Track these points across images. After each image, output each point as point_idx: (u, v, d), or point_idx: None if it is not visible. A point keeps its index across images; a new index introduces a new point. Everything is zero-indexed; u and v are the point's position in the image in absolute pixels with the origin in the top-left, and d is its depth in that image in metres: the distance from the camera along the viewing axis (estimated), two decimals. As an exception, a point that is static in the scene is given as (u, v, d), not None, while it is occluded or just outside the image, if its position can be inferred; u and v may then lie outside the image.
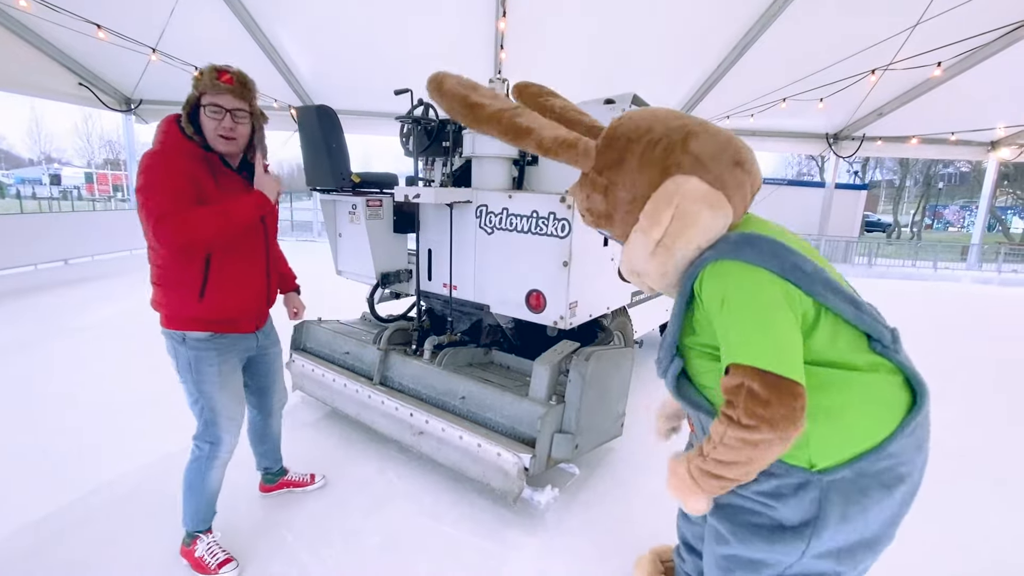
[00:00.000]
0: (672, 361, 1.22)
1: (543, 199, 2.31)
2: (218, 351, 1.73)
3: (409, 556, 1.96)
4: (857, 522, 1.07)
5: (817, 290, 1.03)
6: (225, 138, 1.60)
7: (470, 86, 1.26)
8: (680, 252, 1.10)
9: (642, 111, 1.21)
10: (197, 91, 1.58)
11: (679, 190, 1.07)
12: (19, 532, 2.01)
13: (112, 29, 6.04)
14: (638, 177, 1.13)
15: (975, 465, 2.75)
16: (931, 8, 5.60)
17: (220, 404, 1.76)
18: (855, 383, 1.05)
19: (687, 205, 1.07)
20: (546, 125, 1.21)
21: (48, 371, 3.68)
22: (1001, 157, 10.10)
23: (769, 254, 1.03)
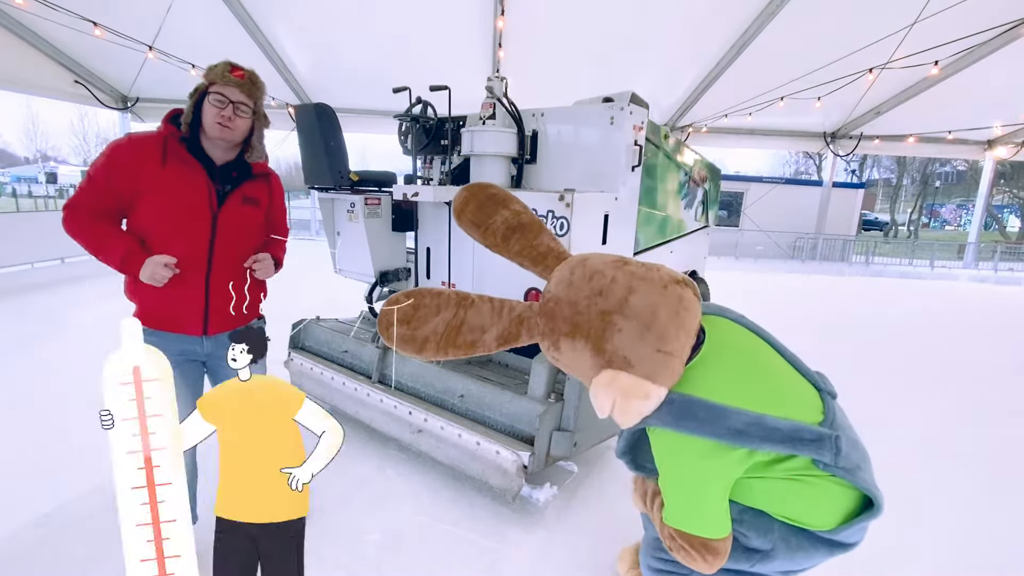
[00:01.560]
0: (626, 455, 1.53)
1: (542, 197, 2.31)
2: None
3: (408, 554, 1.96)
4: (800, 562, 1.29)
5: (752, 444, 1.15)
6: (221, 125, 1.60)
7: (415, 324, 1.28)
8: (626, 424, 1.22)
9: (567, 277, 1.25)
10: (206, 81, 1.61)
11: (612, 384, 1.17)
12: (18, 533, 2.00)
13: (108, 27, 6.02)
14: (577, 363, 1.22)
15: (973, 464, 2.76)
16: (928, 7, 5.61)
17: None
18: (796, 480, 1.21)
19: (620, 399, 1.17)
20: (486, 324, 1.26)
21: (46, 370, 3.67)
22: (998, 156, 10.13)
23: (705, 421, 1.15)
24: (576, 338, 1.19)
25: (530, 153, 2.74)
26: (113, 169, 1.57)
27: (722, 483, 1.19)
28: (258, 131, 1.73)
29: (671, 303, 1.14)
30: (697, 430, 1.15)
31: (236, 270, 1.77)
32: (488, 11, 7.12)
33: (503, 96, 2.61)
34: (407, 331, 1.28)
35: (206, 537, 1.31)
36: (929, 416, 3.36)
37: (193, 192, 1.63)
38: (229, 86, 1.60)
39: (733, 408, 1.15)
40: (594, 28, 7.21)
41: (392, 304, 1.26)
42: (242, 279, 1.82)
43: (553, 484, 2.25)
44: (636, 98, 2.58)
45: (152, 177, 1.58)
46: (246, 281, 1.83)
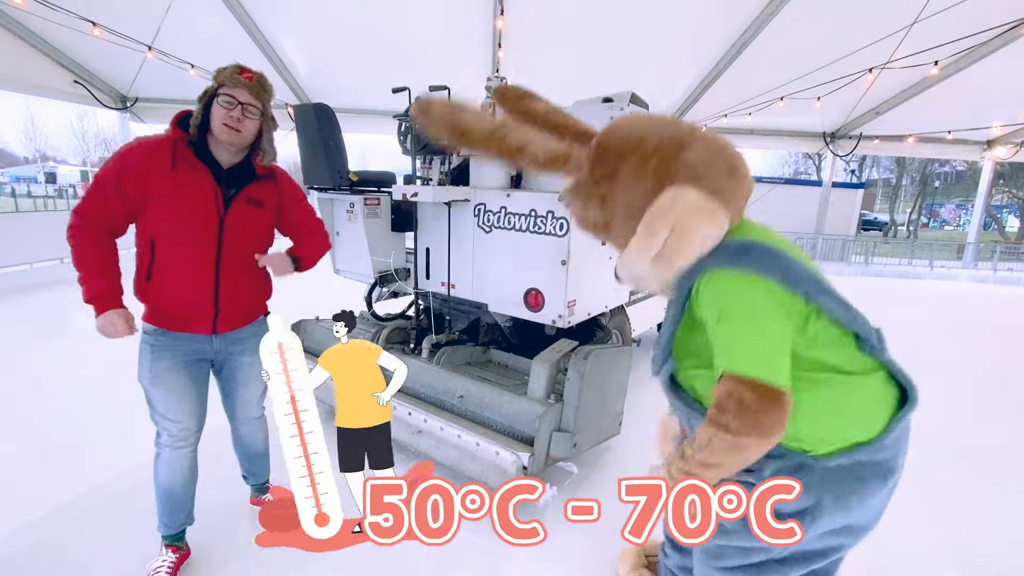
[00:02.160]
0: (665, 362, 1.24)
1: (541, 198, 2.31)
2: (153, 348, 1.70)
3: (408, 554, 1.96)
4: (853, 510, 1.12)
5: (811, 293, 1.05)
6: (230, 128, 1.61)
7: (457, 108, 1.24)
8: (679, 263, 1.10)
9: (631, 119, 1.22)
10: (215, 83, 1.62)
11: (675, 203, 1.07)
12: (18, 533, 2.00)
13: (108, 27, 6.01)
14: (633, 190, 1.12)
15: (975, 464, 2.76)
16: (928, 7, 5.61)
17: (153, 398, 1.73)
18: (844, 382, 1.09)
19: (684, 218, 1.07)
20: (535, 140, 1.21)
21: (45, 370, 3.66)
22: (997, 156, 10.14)
23: (766, 262, 1.05)
24: (638, 159, 1.11)
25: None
26: (123, 174, 1.57)
27: (784, 328, 1.03)
28: (267, 133, 1.74)
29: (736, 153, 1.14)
30: (757, 269, 1.03)
31: (244, 271, 1.79)
32: (488, 11, 7.11)
33: (503, 96, 2.60)
34: (447, 111, 1.22)
35: (204, 540, 1.31)
36: (929, 416, 3.35)
37: (201, 196, 1.65)
38: (238, 87, 1.61)
39: (792, 258, 1.07)
40: (594, 28, 7.21)
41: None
42: (249, 279, 1.83)
43: (553, 485, 2.25)
44: (636, 98, 2.58)
45: (162, 181, 1.59)
46: (253, 281, 1.86)
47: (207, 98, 1.63)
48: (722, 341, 1.05)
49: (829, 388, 1.08)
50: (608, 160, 1.16)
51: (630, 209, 1.13)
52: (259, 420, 2.07)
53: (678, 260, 1.09)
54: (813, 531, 1.13)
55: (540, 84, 1.53)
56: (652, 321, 3.77)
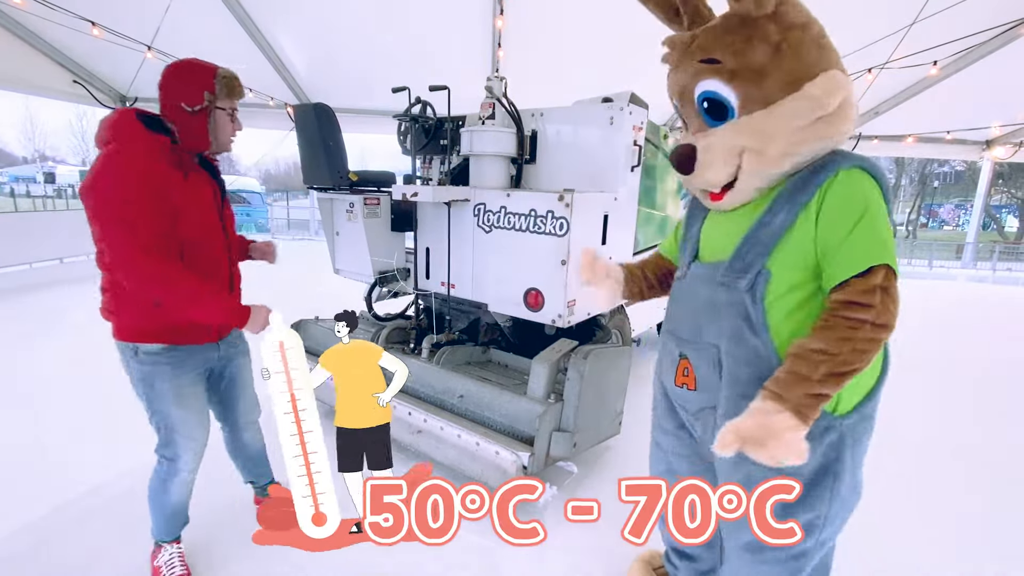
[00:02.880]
0: (753, 272, 1.13)
1: (541, 197, 2.31)
2: (172, 365, 1.60)
3: (407, 554, 1.96)
4: (859, 467, 1.19)
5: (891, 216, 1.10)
6: (234, 132, 1.64)
7: None
8: (836, 137, 1.10)
9: None
10: (217, 96, 1.56)
11: (847, 84, 1.08)
12: (18, 533, 2.00)
13: (107, 26, 6.00)
14: (815, 51, 1.08)
15: (974, 463, 2.76)
16: (927, 7, 5.62)
17: (176, 422, 1.65)
18: None
19: (851, 99, 1.09)
20: None
21: (44, 370, 3.66)
22: (996, 156, 10.13)
23: (883, 174, 1.09)
24: (820, 31, 1.10)
25: (529, 153, 2.74)
26: (155, 196, 1.44)
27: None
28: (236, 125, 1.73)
29: None
30: (879, 174, 1.06)
31: (238, 273, 1.80)
32: (487, 11, 7.11)
33: (502, 96, 2.61)
34: None
35: (204, 541, 1.29)
36: (928, 415, 3.36)
37: (208, 199, 1.63)
38: (235, 98, 1.61)
39: None
40: (594, 28, 7.21)
41: None
42: (239, 279, 1.83)
43: (553, 485, 2.25)
44: (635, 98, 2.58)
45: (179, 194, 1.51)
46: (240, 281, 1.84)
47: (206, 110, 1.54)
48: (868, 237, 1.02)
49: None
50: (803, 12, 1.09)
51: (808, 65, 1.08)
52: (258, 424, 2.07)
53: (833, 132, 1.08)
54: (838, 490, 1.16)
55: (540, 84, 1.53)
56: (652, 321, 3.77)
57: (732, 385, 1.18)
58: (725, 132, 1.12)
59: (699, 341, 1.24)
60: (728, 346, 1.17)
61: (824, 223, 1.05)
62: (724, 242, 1.21)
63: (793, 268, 1.09)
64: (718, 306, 1.19)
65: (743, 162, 1.12)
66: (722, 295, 1.17)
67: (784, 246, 1.09)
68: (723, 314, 1.17)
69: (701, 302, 1.24)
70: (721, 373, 1.20)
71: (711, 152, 1.14)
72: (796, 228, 1.08)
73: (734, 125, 1.11)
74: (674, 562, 1.63)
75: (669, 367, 1.35)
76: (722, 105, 1.12)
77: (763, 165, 1.11)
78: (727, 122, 1.13)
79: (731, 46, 1.08)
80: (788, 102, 1.06)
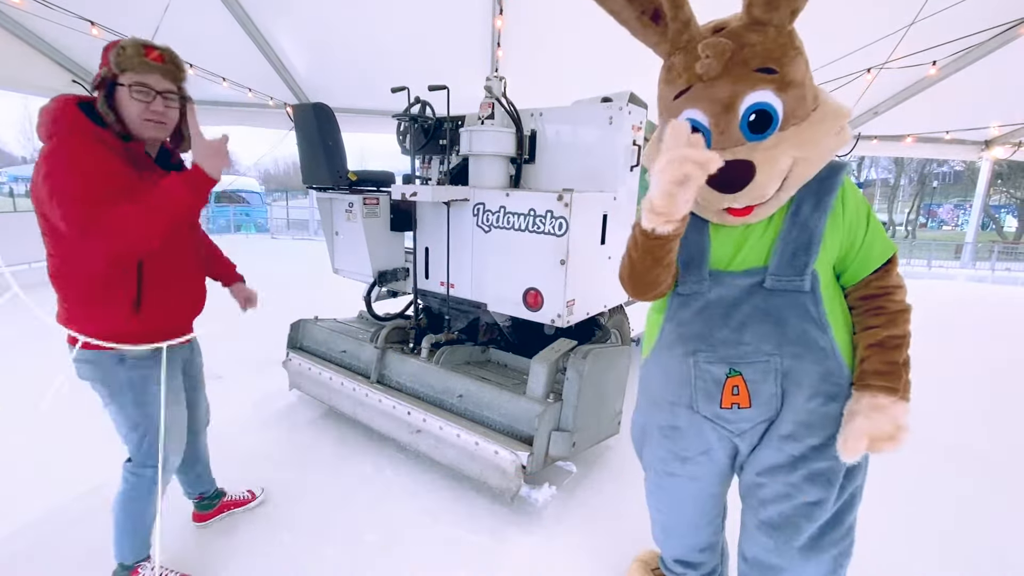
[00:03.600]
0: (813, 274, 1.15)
1: (540, 197, 2.31)
2: (154, 371, 1.53)
3: (407, 554, 1.96)
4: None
5: None
6: (153, 122, 1.38)
7: None
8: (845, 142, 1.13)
9: None
10: (116, 69, 1.32)
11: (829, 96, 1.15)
12: (17, 533, 2.00)
13: (106, 26, 6.00)
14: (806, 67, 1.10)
15: (972, 463, 2.76)
16: (926, 7, 5.62)
17: (170, 423, 1.58)
18: None
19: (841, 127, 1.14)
20: None
21: (43, 369, 3.65)
22: (995, 156, 10.14)
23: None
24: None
25: (529, 153, 2.74)
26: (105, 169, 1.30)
27: None
28: (190, 116, 1.46)
29: None
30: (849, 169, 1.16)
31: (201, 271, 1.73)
32: (487, 10, 7.11)
33: (502, 96, 2.61)
34: None
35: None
36: (927, 415, 3.36)
37: None
38: (150, 72, 1.34)
39: None
40: (593, 28, 7.19)
41: None
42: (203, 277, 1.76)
43: (552, 484, 2.25)
44: (635, 98, 2.58)
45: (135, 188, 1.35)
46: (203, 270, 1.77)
47: (106, 87, 1.33)
48: (880, 233, 1.17)
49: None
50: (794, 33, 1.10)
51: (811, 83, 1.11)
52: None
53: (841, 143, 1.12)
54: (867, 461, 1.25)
55: (539, 84, 1.53)
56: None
57: (799, 390, 1.18)
58: (782, 144, 1.06)
59: (755, 353, 1.19)
60: (795, 351, 1.17)
61: (848, 225, 1.15)
62: (754, 250, 1.19)
63: (828, 265, 1.18)
64: (775, 313, 1.17)
65: (790, 174, 1.09)
66: (778, 301, 1.17)
67: (824, 246, 1.15)
68: (784, 320, 1.16)
69: (749, 312, 1.19)
70: (781, 383, 1.19)
71: (774, 165, 1.06)
72: (829, 229, 1.14)
73: (787, 136, 1.06)
74: (674, 570, 1.62)
75: (712, 390, 1.25)
76: (768, 117, 1.06)
77: (808, 174, 1.11)
78: (773, 134, 1.07)
79: (786, 55, 1.05)
80: (821, 112, 1.10)
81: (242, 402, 3.16)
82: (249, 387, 3.36)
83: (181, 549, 1.93)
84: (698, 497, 1.44)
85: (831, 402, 1.17)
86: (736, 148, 1.08)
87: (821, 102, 1.11)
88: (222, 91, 8.06)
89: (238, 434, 2.76)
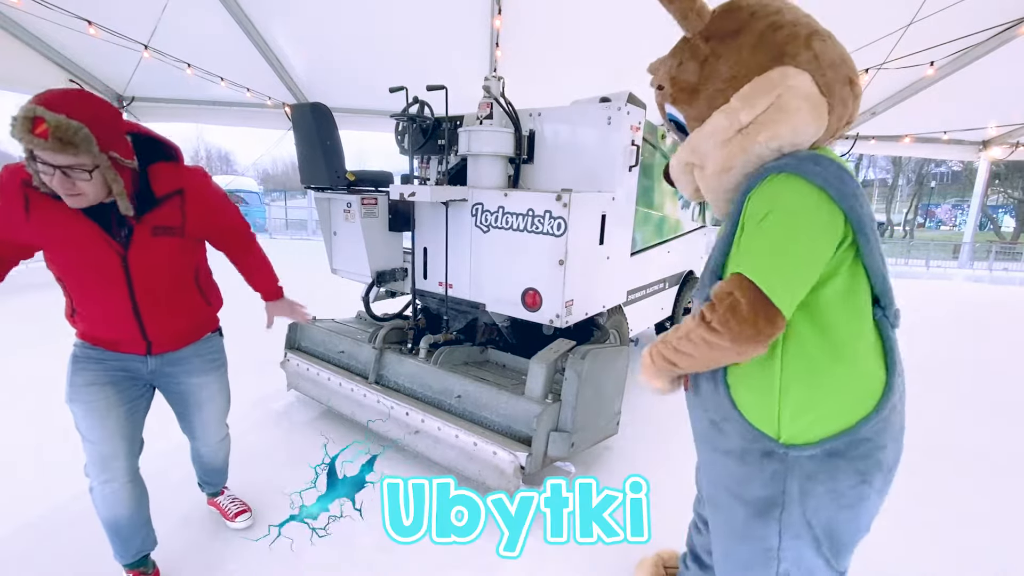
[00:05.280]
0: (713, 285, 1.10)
1: (539, 197, 2.31)
2: (75, 361, 1.56)
3: (405, 554, 1.96)
4: (827, 508, 1.03)
5: (863, 225, 0.98)
6: (68, 195, 1.29)
7: None
8: (758, 147, 1.03)
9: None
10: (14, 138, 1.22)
11: (786, 81, 1.01)
12: (16, 533, 2.00)
13: (104, 26, 5.99)
14: (748, 55, 1.05)
15: (971, 463, 2.77)
16: (924, 8, 5.63)
17: (76, 421, 1.56)
18: (847, 352, 1.00)
19: (789, 99, 1.00)
20: None
21: (44, 369, 3.64)
22: (992, 156, 10.17)
23: (833, 176, 0.96)
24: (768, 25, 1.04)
25: (527, 153, 2.74)
26: None
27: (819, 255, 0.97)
28: (114, 184, 1.32)
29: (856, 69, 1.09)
30: (822, 181, 0.95)
31: (170, 301, 1.60)
32: (485, 10, 7.11)
33: (500, 96, 2.61)
34: None
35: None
36: (926, 415, 3.37)
37: (85, 241, 1.40)
38: (42, 150, 1.19)
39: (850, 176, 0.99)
40: (592, 28, 7.21)
41: None
42: (181, 305, 1.65)
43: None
44: (633, 98, 2.58)
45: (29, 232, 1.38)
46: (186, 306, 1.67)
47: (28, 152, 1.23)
48: (751, 244, 0.98)
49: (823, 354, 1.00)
50: (734, 18, 1.08)
51: (734, 76, 1.06)
52: (221, 442, 1.99)
53: (761, 140, 1.01)
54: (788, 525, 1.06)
55: (537, 83, 1.53)
56: (650, 321, 3.77)
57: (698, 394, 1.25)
58: (681, 150, 1.19)
59: None
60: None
61: (742, 226, 1.03)
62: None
63: None
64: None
65: (695, 178, 1.18)
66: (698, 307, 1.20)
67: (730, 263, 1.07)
68: None
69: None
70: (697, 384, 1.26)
71: (674, 168, 1.23)
72: (735, 243, 1.05)
73: (684, 142, 1.18)
74: (688, 564, 1.62)
75: None
76: (681, 124, 1.20)
77: (707, 180, 1.14)
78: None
79: (669, 71, 1.16)
80: (713, 116, 1.08)
81: (240, 402, 3.12)
82: (247, 387, 3.35)
83: (179, 549, 1.93)
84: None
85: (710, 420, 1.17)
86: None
87: (726, 104, 1.06)
88: (220, 91, 8.06)
89: (237, 434, 2.73)
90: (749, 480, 1.09)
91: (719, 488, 1.19)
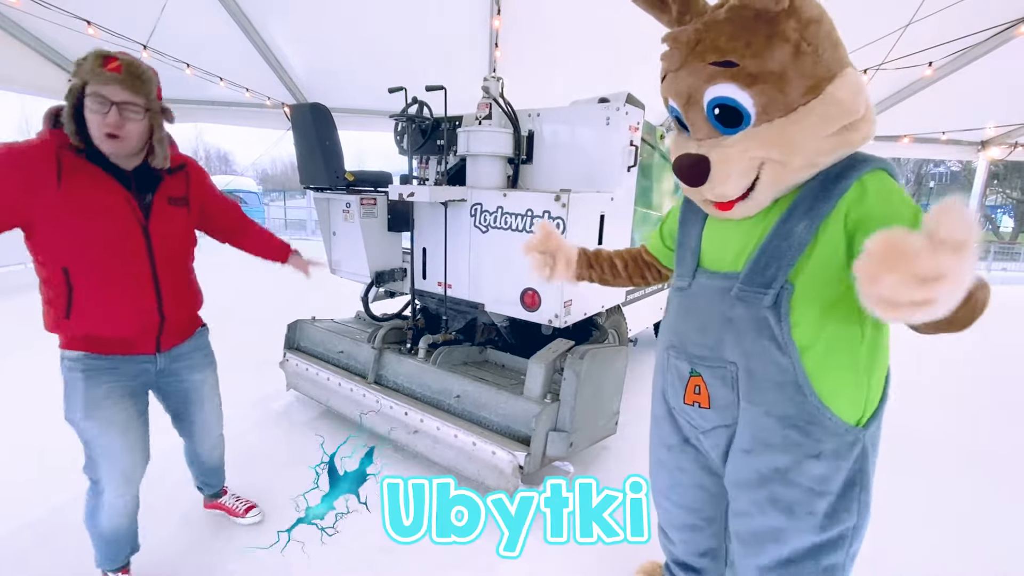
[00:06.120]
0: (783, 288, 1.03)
1: (538, 197, 2.31)
2: (86, 374, 1.46)
3: (404, 554, 1.96)
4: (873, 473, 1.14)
5: None
6: (110, 136, 1.32)
7: None
8: (852, 144, 1.00)
9: None
10: (80, 80, 1.31)
11: (865, 84, 1.00)
12: (16, 533, 2.00)
13: (102, 26, 5.98)
14: (831, 50, 0.99)
15: (970, 463, 2.77)
16: (923, 8, 5.64)
17: (90, 437, 1.51)
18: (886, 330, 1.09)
19: (870, 100, 1.02)
20: None
21: (44, 369, 3.64)
22: (991, 156, 10.18)
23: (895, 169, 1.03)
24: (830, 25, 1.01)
25: (526, 153, 2.74)
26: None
27: None
28: (157, 131, 1.43)
29: None
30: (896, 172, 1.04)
31: (181, 278, 1.63)
32: (484, 11, 7.11)
33: (499, 96, 2.61)
34: None
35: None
36: (926, 415, 3.37)
37: (113, 208, 1.40)
38: (107, 84, 1.29)
39: None
40: (591, 28, 7.21)
41: None
42: (187, 287, 1.68)
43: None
44: (632, 98, 2.58)
45: (50, 202, 1.32)
46: (190, 289, 1.71)
47: (75, 98, 1.32)
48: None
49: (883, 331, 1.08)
50: (816, 4, 1.00)
51: (815, 72, 0.97)
52: (219, 438, 1.99)
53: (857, 138, 1.00)
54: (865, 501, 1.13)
55: (537, 84, 1.53)
56: (648, 321, 3.77)
57: (755, 404, 1.12)
58: (744, 142, 1.00)
59: (714, 358, 1.16)
60: (750, 364, 1.10)
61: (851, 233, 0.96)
62: (734, 251, 1.13)
63: (826, 283, 1.00)
64: (737, 322, 1.11)
65: (762, 174, 1.02)
66: (740, 311, 1.10)
67: (809, 259, 1.01)
68: (743, 331, 1.10)
69: (715, 317, 1.15)
70: (738, 392, 1.14)
71: (728, 164, 1.01)
72: (820, 242, 0.99)
73: (754, 134, 0.99)
74: (677, 574, 1.61)
75: (677, 385, 1.27)
76: (737, 112, 1.00)
77: (785, 177, 1.01)
78: (743, 130, 1.00)
79: (750, 46, 0.95)
80: (814, 107, 0.96)
81: (240, 402, 3.15)
82: (247, 387, 3.35)
83: (178, 548, 1.93)
84: (688, 489, 1.41)
85: (790, 428, 1.08)
86: (705, 141, 1.05)
87: (823, 95, 0.96)
88: (219, 91, 8.05)
89: (236, 435, 2.74)
90: (836, 472, 1.09)
91: (795, 492, 1.11)
